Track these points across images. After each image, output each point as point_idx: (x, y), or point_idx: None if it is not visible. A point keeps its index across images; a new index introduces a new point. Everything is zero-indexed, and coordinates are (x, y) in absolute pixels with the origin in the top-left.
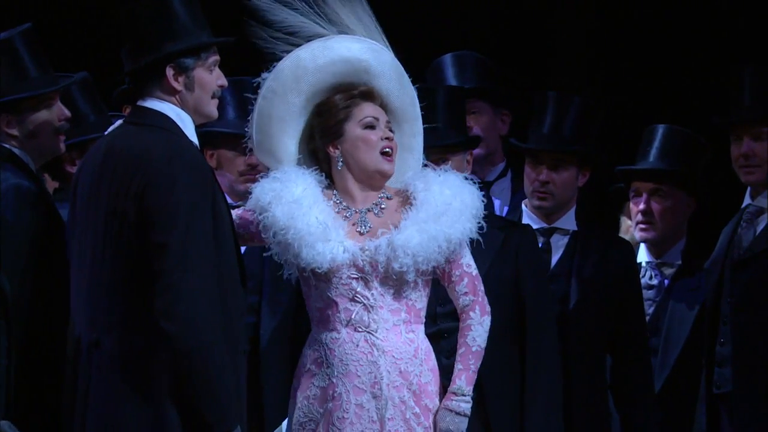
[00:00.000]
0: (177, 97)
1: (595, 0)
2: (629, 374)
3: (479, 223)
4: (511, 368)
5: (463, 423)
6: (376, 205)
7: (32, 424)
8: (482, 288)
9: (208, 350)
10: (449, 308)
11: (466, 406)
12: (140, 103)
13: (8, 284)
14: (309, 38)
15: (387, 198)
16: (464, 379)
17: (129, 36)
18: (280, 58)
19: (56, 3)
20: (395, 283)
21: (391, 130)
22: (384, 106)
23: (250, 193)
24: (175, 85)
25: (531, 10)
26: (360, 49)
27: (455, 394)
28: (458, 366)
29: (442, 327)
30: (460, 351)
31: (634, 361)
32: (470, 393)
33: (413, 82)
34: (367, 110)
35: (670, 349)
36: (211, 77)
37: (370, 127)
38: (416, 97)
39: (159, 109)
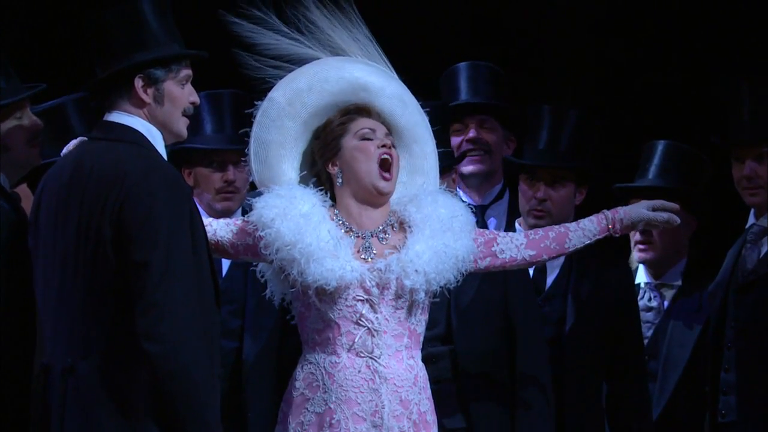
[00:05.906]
0: (145, 110)
1: (593, 13)
2: (625, 399)
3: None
4: (500, 391)
5: None
6: (382, 231)
7: None
8: None
9: (193, 371)
10: (437, 332)
11: None
12: (106, 117)
13: None
14: (301, 62)
15: (392, 227)
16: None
17: (98, 46)
18: (272, 85)
19: (32, 14)
20: (403, 305)
21: (393, 145)
22: (387, 125)
23: (251, 207)
24: (144, 97)
25: (527, 22)
26: (356, 68)
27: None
28: (582, 221)
29: (432, 351)
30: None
31: (630, 386)
32: None
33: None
34: (363, 123)
35: (670, 373)
36: (182, 92)
37: (367, 138)
38: (425, 118)
39: (127, 123)
